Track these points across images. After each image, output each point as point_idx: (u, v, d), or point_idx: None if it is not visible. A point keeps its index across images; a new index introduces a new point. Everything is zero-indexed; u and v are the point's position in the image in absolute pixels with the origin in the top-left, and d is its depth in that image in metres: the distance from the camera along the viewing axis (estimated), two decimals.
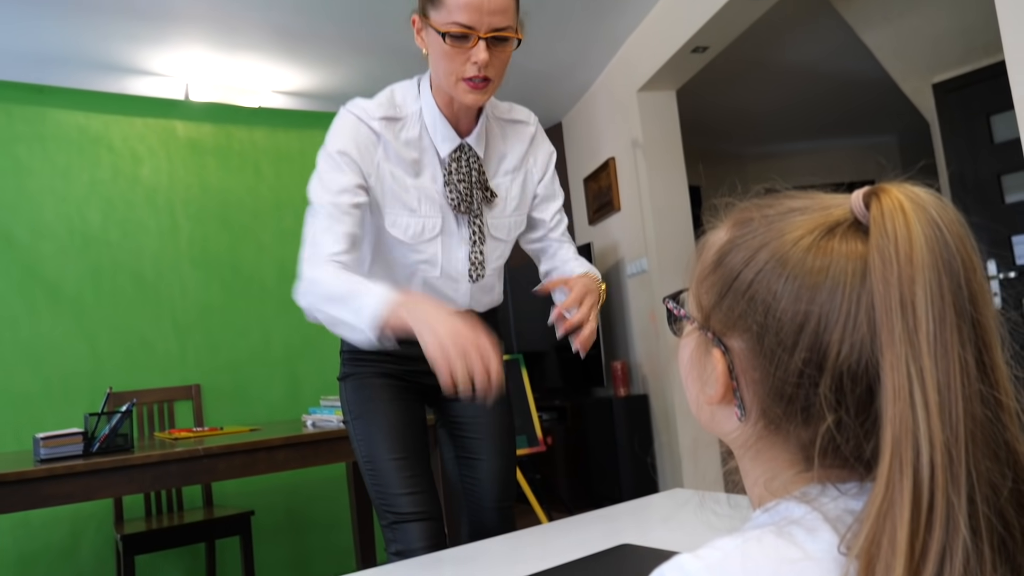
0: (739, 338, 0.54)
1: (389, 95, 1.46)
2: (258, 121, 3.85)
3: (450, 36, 1.29)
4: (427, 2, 1.33)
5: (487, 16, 1.28)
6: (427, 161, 1.46)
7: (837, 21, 3.97)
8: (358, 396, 1.52)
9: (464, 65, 1.32)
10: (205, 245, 3.58)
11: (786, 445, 0.53)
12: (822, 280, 0.49)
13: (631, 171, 4.28)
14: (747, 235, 0.55)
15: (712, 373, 0.56)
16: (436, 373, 1.10)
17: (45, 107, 3.35)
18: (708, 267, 0.58)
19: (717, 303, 0.55)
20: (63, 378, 3.19)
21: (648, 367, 4.32)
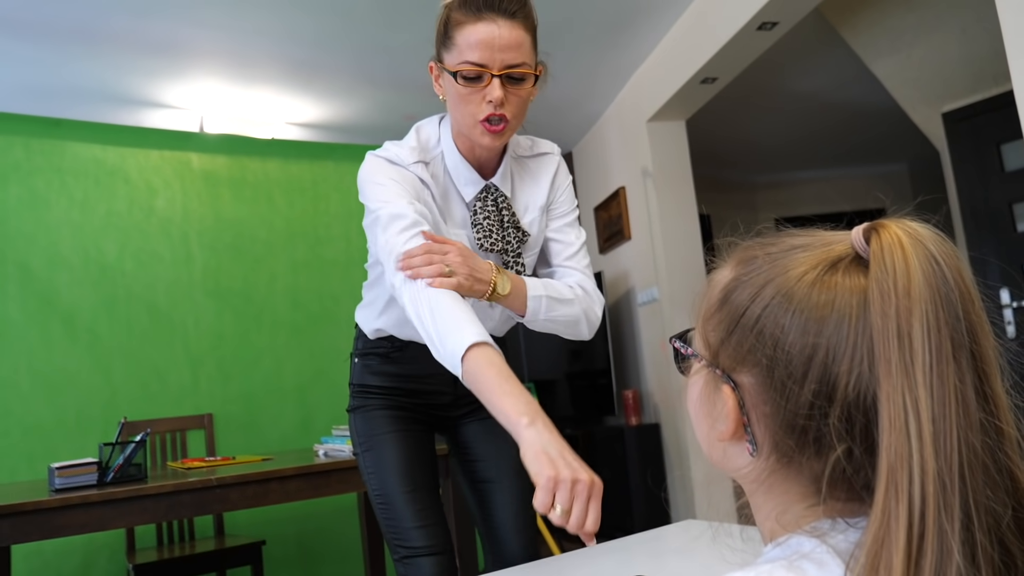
0: (748, 373, 0.55)
1: (415, 136, 1.42)
2: (271, 153, 3.90)
3: (463, 76, 1.27)
4: (441, 47, 1.32)
5: (499, 53, 1.25)
6: (454, 207, 1.43)
7: (846, 51, 4.00)
8: (367, 428, 1.52)
9: (480, 106, 1.28)
10: (219, 275, 3.61)
11: (798, 478, 0.54)
12: (828, 313, 0.50)
13: (641, 200, 4.30)
14: (751, 272, 0.56)
15: (722, 410, 0.57)
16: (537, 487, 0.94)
17: (63, 140, 3.41)
18: (714, 305, 0.59)
19: (725, 340, 0.56)
20: (77, 408, 3.21)
21: (660, 396, 4.30)
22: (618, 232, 4.58)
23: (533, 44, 1.31)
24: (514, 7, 1.26)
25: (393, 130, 4.42)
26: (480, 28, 1.25)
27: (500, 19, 1.25)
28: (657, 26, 3.68)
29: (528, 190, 1.48)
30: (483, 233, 1.39)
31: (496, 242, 1.40)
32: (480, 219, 1.40)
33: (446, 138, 1.42)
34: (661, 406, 4.29)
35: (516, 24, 1.26)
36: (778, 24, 3.17)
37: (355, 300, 1.68)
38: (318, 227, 3.87)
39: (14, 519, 1.84)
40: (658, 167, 4.15)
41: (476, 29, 1.25)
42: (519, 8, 1.27)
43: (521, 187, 1.48)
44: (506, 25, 1.25)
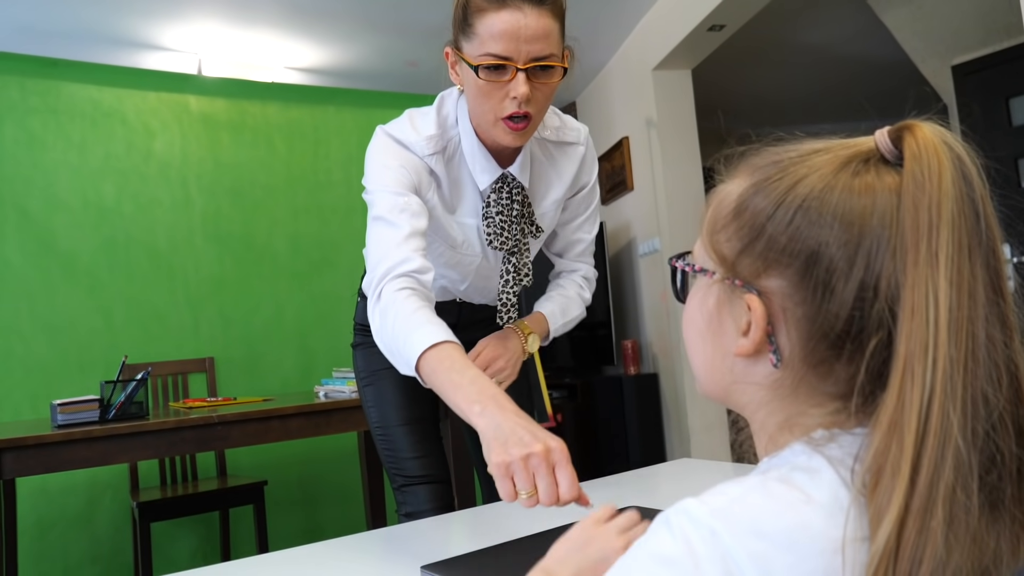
0: (779, 276, 0.54)
1: (436, 117, 1.30)
2: (271, 96, 3.86)
3: (484, 69, 1.15)
4: (459, 33, 1.20)
5: (525, 44, 1.13)
6: (466, 193, 1.34)
7: (857, 1, 3.92)
8: (369, 363, 1.53)
9: (503, 102, 1.18)
10: (218, 219, 3.60)
11: (821, 384, 0.54)
12: (870, 205, 0.51)
13: (645, 151, 4.26)
14: (772, 178, 0.55)
15: (740, 323, 0.56)
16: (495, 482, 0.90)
17: (59, 80, 3.37)
18: (727, 216, 0.57)
19: (747, 247, 0.56)
20: (79, 349, 3.23)
21: (659, 346, 4.33)
22: (620, 183, 4.55)
23: (561, 32, 1.19)
24: None
25: (394, 76, 4.38)
26: (504, 16, 1.12)
27: (526, 6, 1.12)
28: None
29: (548, 179, 1.39)
30: (494, 230, 1.32)
31: (506, 240, 1.33)
32: (492, 213, 1.32)
33: (464, 119, 1.31)
34: (660, 356, 4.31)
35: (544, 11, 1.14)
36: None
37: (354, 244, 1.68)
38: (318, 172, 3.84)
39: (17, 453, 1.86)
40: (663, 117, 4.11)
41: (500, 17, 1.13)
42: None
43: (540, 175, 1.38)
44: (533, 13, 1.13)
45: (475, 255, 1.40)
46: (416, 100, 4.35)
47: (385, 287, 1.14)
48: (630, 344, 4.36)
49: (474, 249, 1.39)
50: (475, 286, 1.48)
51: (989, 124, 3.87)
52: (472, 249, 1.38)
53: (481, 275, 1.45)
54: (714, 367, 0.60)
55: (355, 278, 1.63)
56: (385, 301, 1.12)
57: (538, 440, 0.89)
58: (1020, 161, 3.80)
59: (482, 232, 1.35)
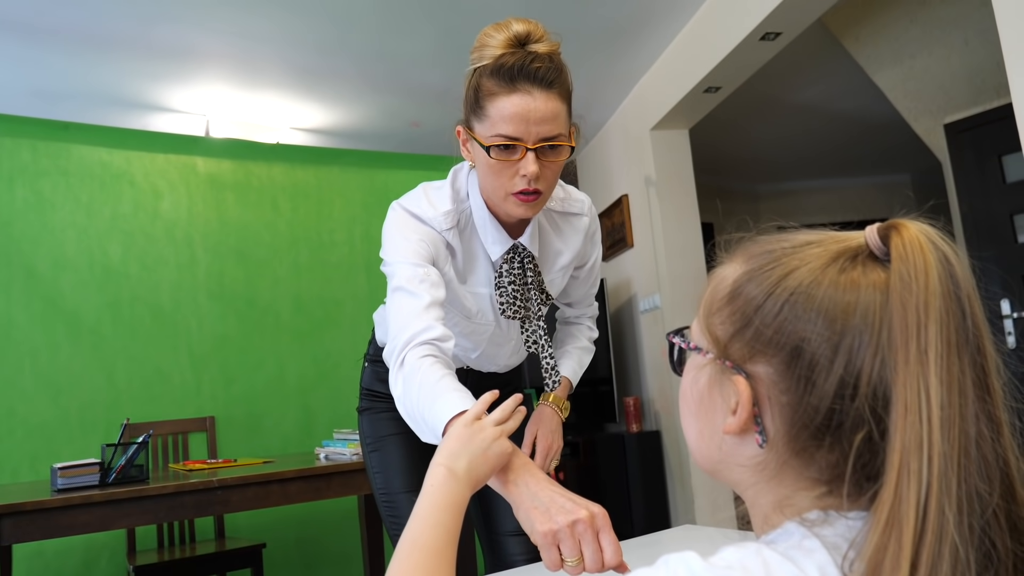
0: (765, 364, 0.56)
1: (450, 191, 1.33)
2: (276, 157, 3.93)
3: (496, 148, 1.19)
4: (471, 113, 1.23)
5: (534, 126, 1.17)
6: (479, 264, 1.38)
7: (848, 62, 4.02)
8: (376, 429, 1.54)
9: (513, 179, 1.21)
10: (222, 278, 3.63)
11: (805, 470, 0.55)
12: (853, 302, 0.53)
13: (644, 208, 4.31)
14: (766, 267, 0.58)
15: (729, 402, 0.58)
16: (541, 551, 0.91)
17: (69, 143, 3.44)
18: (723, 299, 0.60)
19: (737, 332, 0.58)
20: (80, 409, 3.23)
21: (661, 403, 4.31)
22: (620, 240, 4.60)
23: (568, 112, 1.23)
24: (551, 76, 1.18)
25: (398, 137, 4.47)
26: (515, 100, 1.16)
27: (535, 90, 1.17)
28: (661, 35, 3.70)
29: (555, 248, 1.43)
30: (506, 299, 1.36)
31: (519, 309, 1.37)
32: (505, 283, 1.36)
33: (475, 193, 1.34)
34: (662, 413, 4.29)
35: (552, 94, 1.18)
36: (781, 34, 3.18)
37: (357, 304, 1.70)
38: (322, 232, 3.89)
39: (16, 518, 1.85)
40: (661, 175, 4.17)
41: (511, 101, 1.16)
42: (556, 77, 1.19)
43: (547, 244, 1.42)
44: (542, 96, 1.17)
45: (488, 323, 1.43)
46: (419, 160, 4.42)
47: (408, 354, 1.14)
48: (632, 401, 4.34)
49: (487, 318, 1.42)
50: (486, 354, 1.50)
51: (983, 181, 3.93)
52: (486, 318, 1.41)
53: (493, 343, 1.48)
54: (705, 442, 0.62)
55: (357, 338, 1.65)
56: (408, 368, 1.13)
57: (580, 507, 0.91)
58: (1016, 217, 3.84)
59: (495, 302, 1.38)
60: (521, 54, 1.18)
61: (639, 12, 3.43)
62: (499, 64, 1.18)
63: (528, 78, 1.16)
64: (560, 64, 1.21)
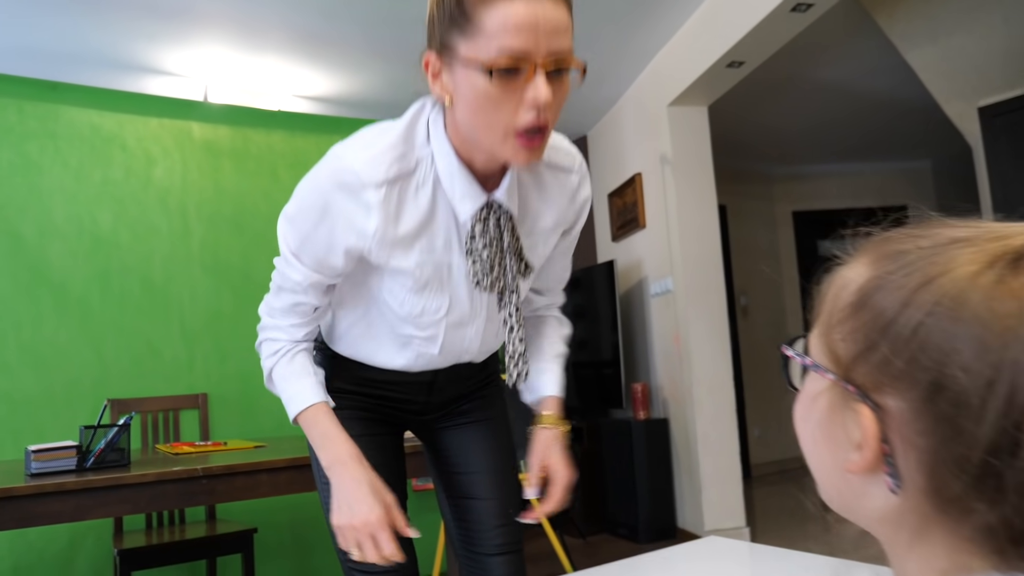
0: (898, 397, 0.44)
1: (404, 130, 1.08)
2: (277, 125, 3.76)
3: (502, 72, 0.93)
4: (451, 30, 0.96)
5: (545, 37, 0.92)
6: (439, 227, 1.12)
7: (879, 39, 3.83)
8: None
9: (516, 112, 0.95)
10: (217, 250, 3.48)
11: (958, 527, 0.43)
12: (1015, 325, 0.40)
13: (658, 187, 4.14)
14: (900, 271, 0.45)
15: (851, 436, 0.47)
16: (338, 539, 1.14)
17: (58, 104, 3.28)
18: (846, 309, 0.48)
19: (863, 353, 0.46)
20: (66, 384, 3.09)
21: (669, 390, 4.17)
22: (632, 220, 4.43)
23: (570, 23, 0.98)
24: None
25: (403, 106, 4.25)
26: (519, 6, 0.91)
27: None
28: (684, 5, 3.51)
29: (535, 208, 1.18)
30: (482, 267, 1.11)
31: (497, 279, 1.13)
32: (479, 247, 1.11)
33: (438, 135, 1.08)
34: (671, 401, 4.16)
35: (560, 3, 0.94)
36: (813, 6, 3.00)
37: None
38: None
39: None
40: (677, 154, 4.00)
41: (514, 7, 0.91)
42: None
43: (526, 201, 1.17)
44: (551, 2, 0.93)
45: (441, 296, 1.16)
46: None
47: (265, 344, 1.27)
48: (640, 387, 4.20)
49: (441, 290, 1.15)
50: (450, 342, 1.23)
51: (1017, 169, 3.75)
52: (439, 290, 1.15)
53: (455, 325, 1.21)
54: (830, 477, 0.51)
55: None
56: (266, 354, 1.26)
57: (369, 508, 1.10)
58: None
59: (467, 270, 1.13)
60: None
61: None
62: None
63: None
64: None
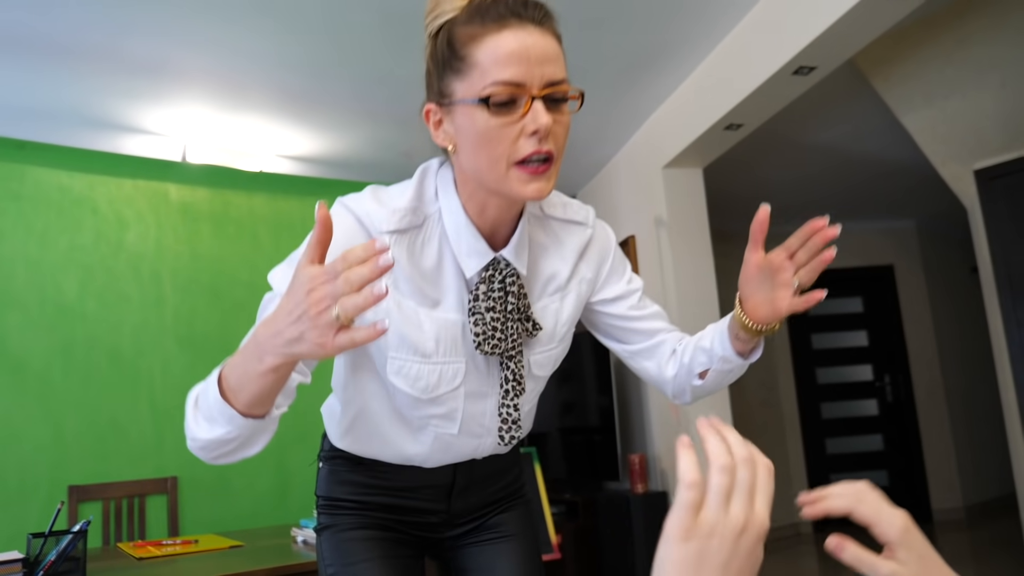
0: None
1: (416, 186, 1.06)
2: (258, 187, 3.59)
3: (496, 105, 0.92)
4: (446, 75, 0.97)
5: (537, 66, 0.92)
6: (448, 284, 1.07)
7: (875, 102, 3.79)
8: (338, 555, 1.17)
9: (516, 143, 0.93)
10: (193, 320, 3.27)
11: None
12: None
13: (653, 250, 4.02)
14: None
15: None
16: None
17: (24, 164, 3.10)
18: None
19: None
20: (20, 468, 2.84)
21: (668, 462, 3.98)
22: None
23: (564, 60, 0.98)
24: (540, 14, 0.95)
25: (390, 167, 4.14)
26: (508, 37, 0.92)
27: (533, 25, 0.93)
28: (680, 67, 3.43)
29: (547, 265, 1.14)
30: (484, 330, 1.05)
31: (500, 342, 1.06)
32: (481, 308, 1.05)
33: (447, 191, 1.06)
34: (669, 472, 3.96)
35: (547, 32, 0.94)
36: (816, 69, 2.93)
37: None
38: None
39: None
40: (673, 216, 3.88)
41: (503, 39, 0.92)
42: (545, 16, 0.95)
43: (540, 259, 1.13)
44: (540, 32, 0.93)
45: (457, 361, 1.07)
46: None
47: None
48: (637, 458, 4.01)
49: (455, 353, 1.07)
50: (470, 419, 1.12)
51: (1017, 231, 3.69)
52: (453, 353, 1.07)
53: (474, 398, 1.11)
54: None
55: None
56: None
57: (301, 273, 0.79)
58: None
59: (469, 331, 1.06)
60: None
61: (655, 44, 3.17)
62: (475, 6, 0.94)
63: (516, 14, 0.93)
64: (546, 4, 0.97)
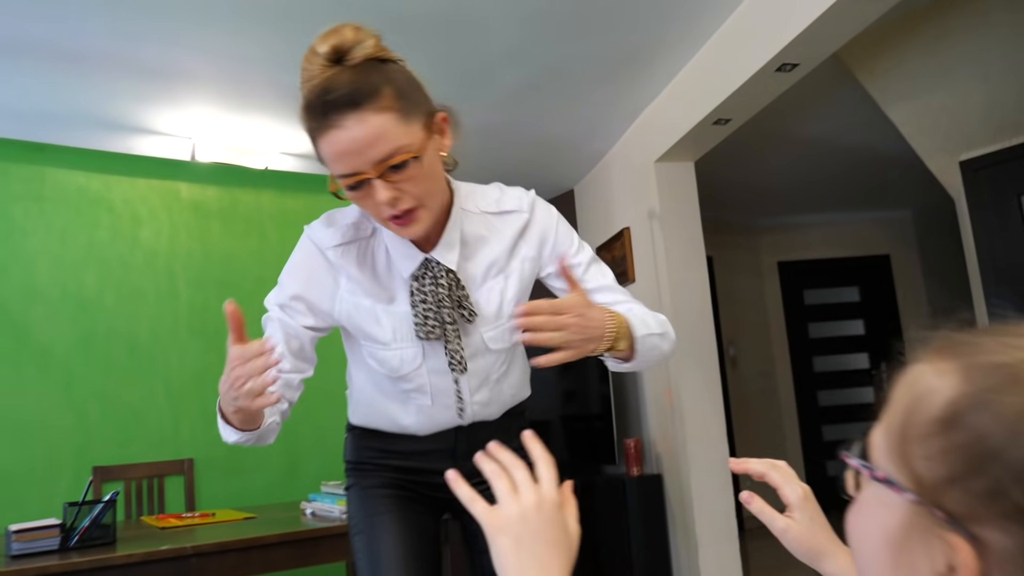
0: (1003, 533, 0.40)
1: (347, 214, 1.28)
2: (265, 184, 3.74)
3: (348, 189, 1.10)
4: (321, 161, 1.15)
5: (364, 154, 1.04)
6: (398, 283, 1.26)
7: (862, 95, 3.90)
8: (362, 509, 1.36)
9: (378, 209, 1.11)
10: (205, 313, 3.43)
11: None
12: None
13: (647, 242, 4.16)
14: (1001, 390, 0.41)
15: (934, 564, 0.42)
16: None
17: (44, 166, 3.25)
18: (931, 425, 0.43)
19: (958, 479, 0.41)
20: (48, 452, 3.01)
21: (663, 445, 4.12)
22: (622, 274, 4.43)
23: (401, 117, 1.06)
24: (356, 97, 1.03)
25: None
26: (332, 137, 1.05)
27: (346, 118, 1.03)
28: (671, 64, 3.56)
29: (486, 253, 1.28)
30: (420, 319, 1.23)
31: (433, 328, 1.23)
32: (417, 301, 1.23)
33: None
34: (664, 456, 4.11)
35: (365, 113, 1.03)
36: (799, 65, 3.06)
37: None
38: None
39: None
40: (665, 209, 4.02)
41: (329, 139, 1.06)
42: (364, 92, 1.04)
43: (477, 250, 1.27)
44: (353, 121, 1.03)
45: (413, 347, 1.26)
46: None
47: None
48: (632, 442, 4.15)
49: (409, 340, 1.26)
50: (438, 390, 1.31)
51: (1002, 221, 3.80)
52: (407, 341, 1.26)
53: (436, 372, 1.29)
54: None
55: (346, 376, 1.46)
56: None
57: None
58: None
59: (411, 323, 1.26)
60: (320, 83, 1.06)
61: (647, 41, 3.30)
62: (304, 102, 1.09)
63: (333, 109, 1.04)
64: (370, 69, 1.06)
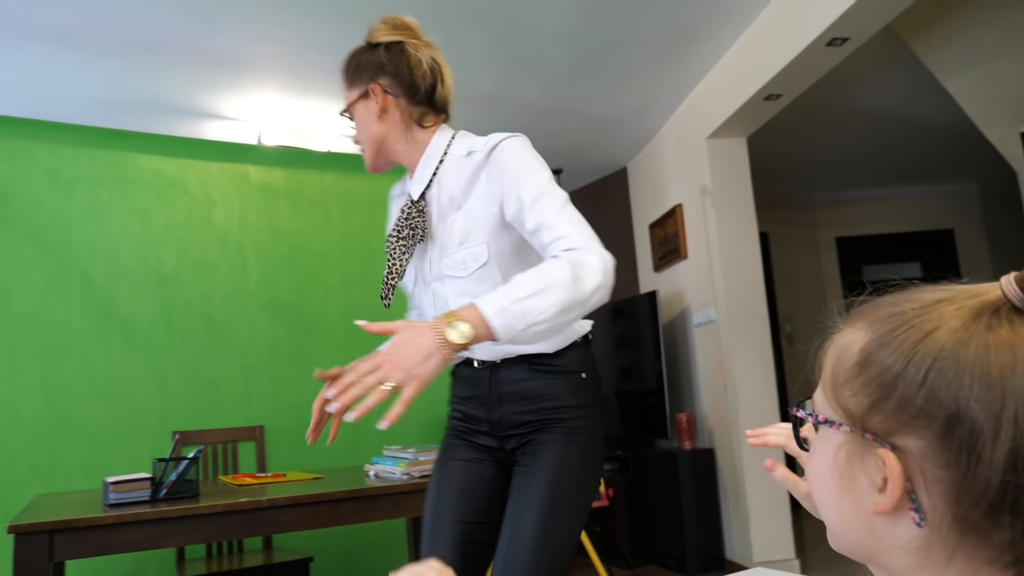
0: (915, 436, 0.50)
1: None
2: (328, 166, 3.91)
3: None
4: None
5: None
6: None
7: (916, 67, 3.85)
8: (443, 448, 1.52)
9: None
10: (273, 288, 3.63)
11: (979, 550, 0.49)
12: (1010, 362, 0.48)
13: (699, 218, 4.20)
14: (898, 331, 0.52)
15: (873, 481, 0.53)
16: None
17: (126, 151, 3.47)
18: (851, 370, 0.55)
19: (876, 404, 0.52)
20: (133, 416, 3.24)
21: (715, 419, 4.18)
22: (674, 250, 4.48)
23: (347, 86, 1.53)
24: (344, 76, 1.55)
25: None
26: None
27: None
28: (720, 41, 3.58)
29: (449, 190, 1.46)
30: (390, 235, 1.49)
31: (389, 240, 1.47)
32: (393, 220, 1.53)
33: None
34: (716, 430, 4.17)
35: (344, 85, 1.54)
36: (849, 40, 3.05)
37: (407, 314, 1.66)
38: (372, 241, 3.86)
39: (69, 535, 1.84)
40: (718, 185, 4.05)
41: None
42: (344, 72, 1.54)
43: (448, 186, 1.47)
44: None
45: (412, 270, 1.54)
46: None
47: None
48: (685, 417, 4.22)
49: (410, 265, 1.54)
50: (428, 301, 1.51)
51: None
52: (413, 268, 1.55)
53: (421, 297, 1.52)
54: (852, 525, 0.56)
55: None
56: None
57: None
58: None
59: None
60: None
61: (697, 18, 3.33)
62: None
63: None
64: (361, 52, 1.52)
